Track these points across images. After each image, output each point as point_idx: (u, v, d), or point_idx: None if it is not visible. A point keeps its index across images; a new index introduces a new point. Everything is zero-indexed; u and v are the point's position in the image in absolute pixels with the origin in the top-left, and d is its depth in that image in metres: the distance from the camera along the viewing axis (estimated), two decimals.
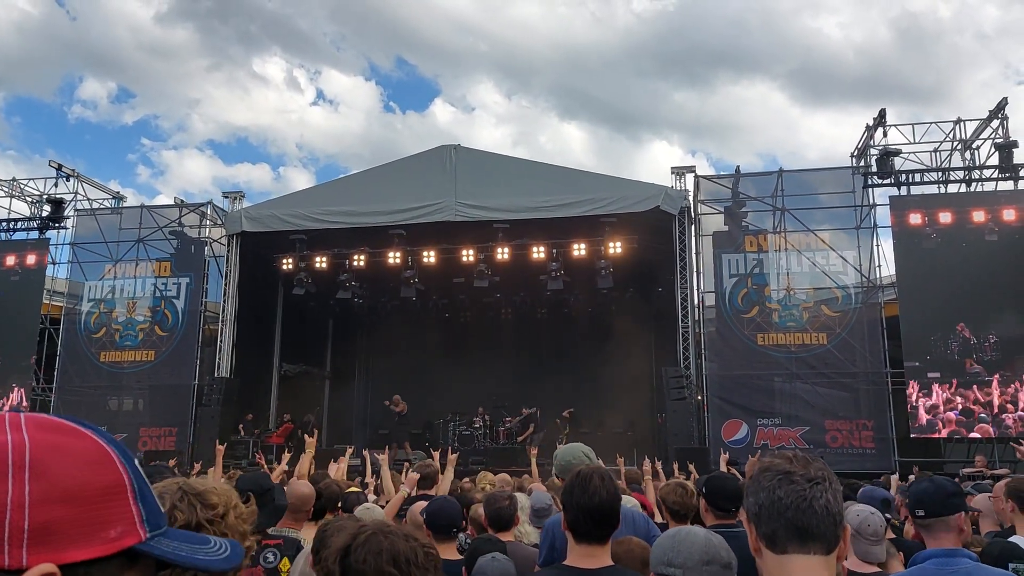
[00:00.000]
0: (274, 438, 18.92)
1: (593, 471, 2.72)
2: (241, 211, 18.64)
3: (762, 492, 1.53)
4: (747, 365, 16.40)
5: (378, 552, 1.77)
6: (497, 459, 16.74)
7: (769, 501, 1.51)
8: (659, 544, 2.30)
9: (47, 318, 19.25)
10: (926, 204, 16.59)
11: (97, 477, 0.73)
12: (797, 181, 17.33)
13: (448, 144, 18.33)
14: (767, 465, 1.57)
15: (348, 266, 18.94)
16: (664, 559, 2.20)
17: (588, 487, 2.63)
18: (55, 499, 0.70)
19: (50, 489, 0.70)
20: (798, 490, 1.49)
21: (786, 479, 1.51)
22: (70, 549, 0.69)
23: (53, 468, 0.71)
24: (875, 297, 16.46)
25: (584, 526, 2.62)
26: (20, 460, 0.70)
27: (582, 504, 2.61)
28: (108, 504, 0.73)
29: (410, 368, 22.14)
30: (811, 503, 1.48)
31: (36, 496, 0.69)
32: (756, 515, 1.54)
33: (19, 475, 0.70)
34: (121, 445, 0.79)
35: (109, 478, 0.74)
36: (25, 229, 20.12)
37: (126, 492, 0.75)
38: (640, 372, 21.81)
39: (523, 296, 21.46)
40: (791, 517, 1.48)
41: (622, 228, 17.48)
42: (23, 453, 0.71)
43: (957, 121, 16.90)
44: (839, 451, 15.40)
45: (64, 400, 18.57)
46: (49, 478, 0.70)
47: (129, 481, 0.76)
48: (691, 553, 2.18)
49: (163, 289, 18.91)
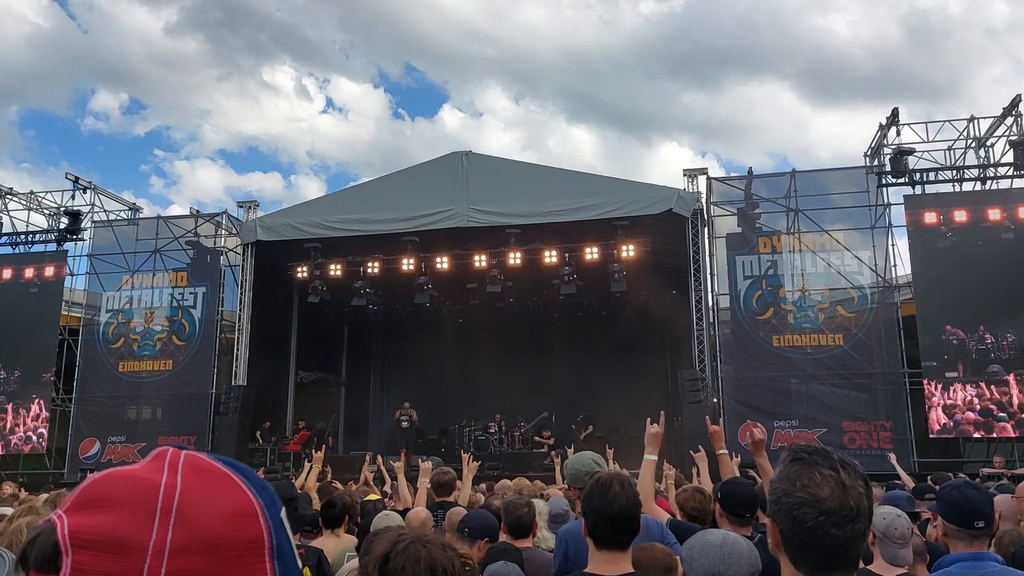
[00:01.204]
0: (291, 445, 19.01)
1: (613, 477, 2.73)
2: (256, 220, 18.77)
3: (791, 514, 1.36)
4: (763, 367, 16.34)
5: (416, 561, 1.79)
6: (513, 464, 16.73)
7: (792, 533, 1.36)
8: (704, 552, 2.31)
9: (66, 329, 19.45)
10: (941, 203, 16.50)
11: (238, 531, 0.72)
12: (810, 181, 17.27)
13: (460, 151, 18.39)
14: (797, 485, 1.36)
15: (362, 273, 19.02)
16: (714, 570, 2.23)
17: (608, 493, 2.63)
18: (194, 550, 0.69)
19: (192, 539, 0.70)
20: (834, 534, 1.33)
21: (815, 510, 1.34)
22: None
23: (198, 517, 0.71)
24: (891, 297, 16.36)
25: (605, 532, 2.62)
26: (168, 506, 0.71)
27: (602, 510, 2.61)
28: (244, 559, 0.72)
29: (425, 374, 22.19)
30: (845, 548, 1.34)
31: (176, 544, 0.69)
32: (782, 536, 1.40)
33: (165, 520, 0.70)
34: (270, 493, 0.78)
35: (250, 532, 0.73)
36: (43, 241, 20.37)
37: (263, 549, 0.73)
38: (655, 375, 21.76)
39: (536, 301, 21.47)
40: (822, 554, 1.35)
41: (634, 231, 17.47)
42: (172, 498, 0.71)
43: (971, 119, 16.81)
44: (857, 452, 15.29)
45: (83, 410, 18.75)
46: (192, 527, 0.70)
47: (269, 537, 0.74)
48: (740, 565, 2.22)
49: (180, 299, 19.07)
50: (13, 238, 20.34)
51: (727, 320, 17.06)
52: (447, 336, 22.45)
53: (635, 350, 21.55)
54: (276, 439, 19.09)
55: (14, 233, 20.35)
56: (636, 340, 21.52)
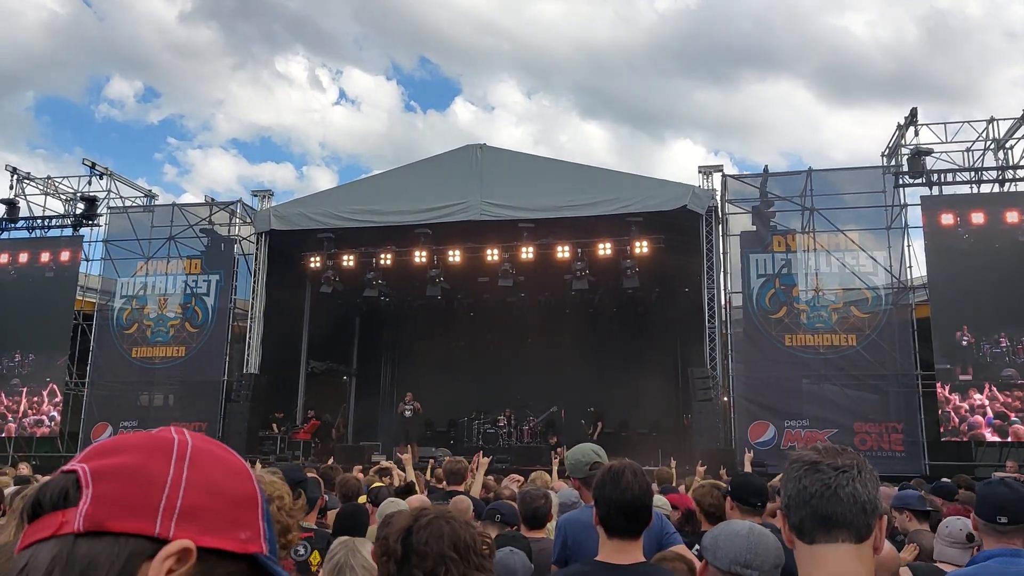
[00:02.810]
0: (301, 434, 19.12)
1: (625, 466, 2.72)
2: (270, 210, 18.83)
3: (790, 483, 1.54)
4: (774, 366, 16.26)
5: (440, 536, 1.84)
6: (522, 458, 16.76)
7: (796, 491, 1.51)
8: (730, 541, 2.32)
9: (80, 314, 19.58)
10: (958, 204, 16.36)
11: (239, 484, 0.82)
12: (826, 181, 17.15)
13: (474, 144, 18.38)
14: (796, 456, 1.57)
15: (375, 265, 19.06)
16: (740, 560, 2.26)
17: (620, 482, 2.63)
18: (204, 489, 0.78)
19: (202, 479, 0.78)
20: (823, 478, 1.48)
21: (812, 468, 1.51)
22: (208, 535, 0.76)
23: (207, 465, 0.80)
24: (906, 298, 16.24)
25: (616, 521, 2.62)
26: (183, 452, 0.80)
27: (614, 499, 2.62)
28: (242, 510, 0.80)
29: (435, 366, 22.25)
30: (836, 491, 1.47)
31: (191, 481, 0.77)
32: (786, 506, 1.55)
33: (180, 463, 0.78)
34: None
35: (247, 489, 0.82)
36: (59, 226, 20.51)
37: (257, 507, 0.82)
38: (666, 373, 21.73)
39: (548, 296, 21.46)
40: (816, 505, 1.48)
41: (648, 228, 17.41)
42: (186, 447, 0.80)
43: (990, 120, 16.66)
44: (868, 454, 15.16)
45: (96, 395, 18.89)
46: (203, 471, 0.79)
47: (260, 500, 0.83)
48: (767, 556, 2.26)
49: (193, 286, 19.17)
50: (30, 222, 20.48)
51: (739, 319, 16.98)
52: (458, 329, 22.50)
53: (646, 347, 21.52)
54: (286, 428, 19.21)
55: (31, 217, 20.49)
56: (647, 337, 21.49)
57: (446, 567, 1.82)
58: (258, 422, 18.12)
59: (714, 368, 16.66)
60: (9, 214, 20.23)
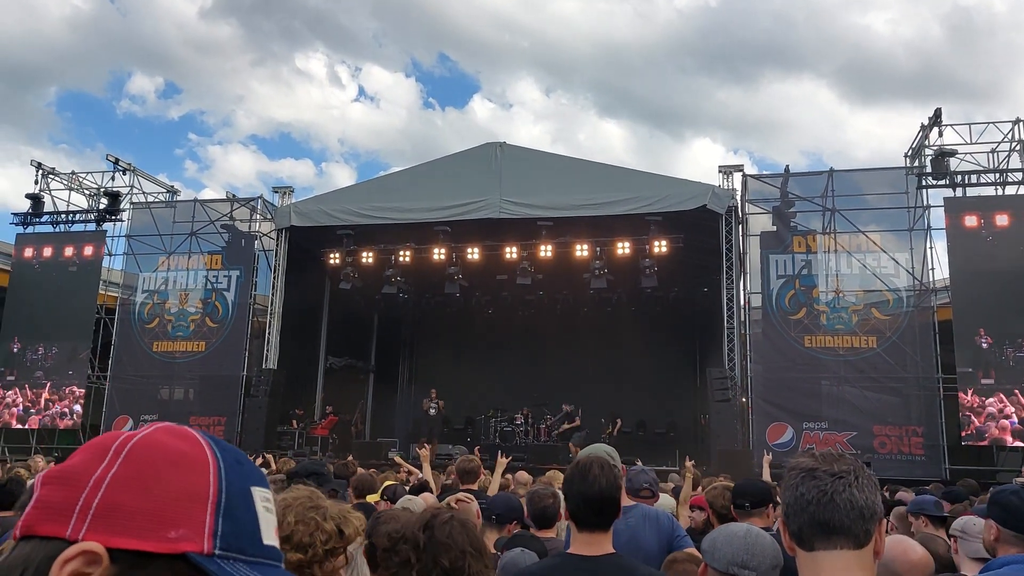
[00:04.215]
0: (319, 430, 19.24)
1: (593, 460, 2.76)
2: (290, 206, 18.96)
3: (788, 491, 1.54)
4: (793, 367, 16.16)
5: (462, 532, 2.03)
6: (538, 456, 16.77)
7: (793, 498, 1.52)
8: (728, 542, 2.36)
9: (103, 308, 19.83)
10: (982, 206, 16.16)
11: (182, 478, 0.76)
12: (848, 181, 17.01)
13: (494, 141, 18.39)
14: (793, 464, 1.59)
15: (394, 262, 19.13)
16: (738, 560, 2.29)
17: (588, 476, 2.68)
18: (132, 486, 0.74)
19: (131, 476, 0.74)
20: (820, 485, 1.49)
21: (809, 475, 1.52)
22: (123, 535, 0.72)
23: (144, 460, 0.76)
24: (927, 301, 16.08)
25: (585, 514, 2.66)
26: (121, 448, 0.77)
27: (582, 492, 2.66)
28: (181, 506, 0.74)
29: (453, 363, 22.31)
30: (832, 497, 1.48)
31: (116, 479, 0.74)
32: (785, 514, 1.55)
33: (113, 460, 0.76)
34: (238, 462, 0.81)
35: (194, 483, 0.76)
36: (83, 221, 20.77)
37: (206, 502, 0.76)
38: (683, 373, 21.65)
39: (566, 294, 21.44)
40: (813, 512, 1.48)
41: (667, 227, 17.34)
42: (127, 443, 0.77)
43: (1016, 121, 16.43)
44: (887, 457, 15.09)
45: (118, 388, 19.13)
46: (135, 467, 0.75)
47: (215, 493, 0.77)
48: (764, 557, 2.29)
49: (214, 281, 19.35)
50: (54, 217, 20.76)
51: (758, 319, 16.88)
52: (476, 327, 22.53)
53: (664, 347, 21.45)
54: (304, 424, 19.35)
55: (55, 212, 20.76)
56: (665, 337, 21.42)
57: (467, 561, 1.99)
58: (276, 417, 18.26)
59: (732, 369, 16.56)
60: (34, 208, 20.52)
